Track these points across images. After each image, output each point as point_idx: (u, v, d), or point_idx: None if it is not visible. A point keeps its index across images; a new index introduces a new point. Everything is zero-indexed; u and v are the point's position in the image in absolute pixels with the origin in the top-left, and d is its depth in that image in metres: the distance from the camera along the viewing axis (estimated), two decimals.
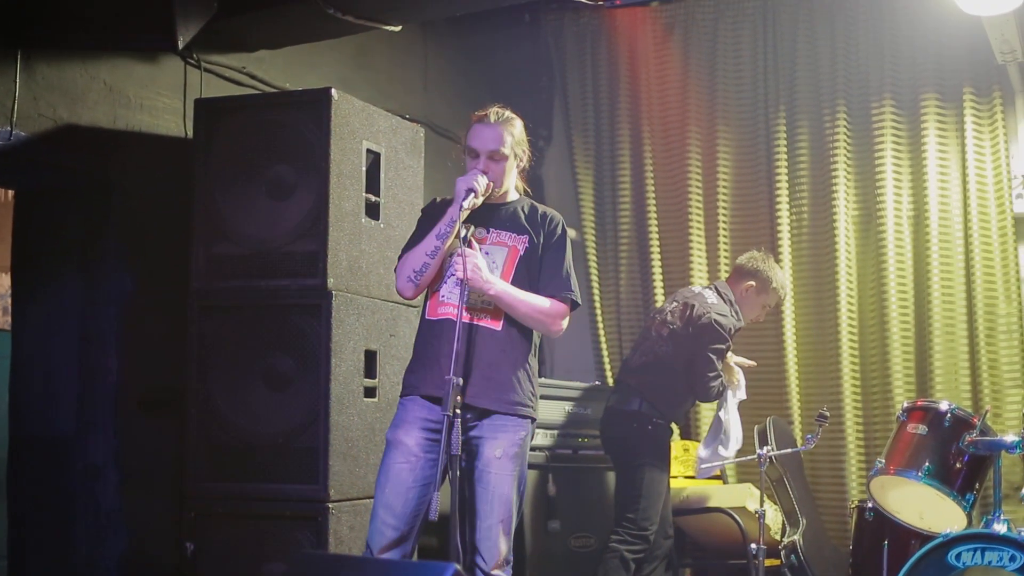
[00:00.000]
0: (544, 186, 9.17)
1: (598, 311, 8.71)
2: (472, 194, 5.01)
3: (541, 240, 5.24)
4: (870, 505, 6.48)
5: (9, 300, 8.14)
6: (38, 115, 5.68)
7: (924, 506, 6.18)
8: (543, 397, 7.11)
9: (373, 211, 6.01)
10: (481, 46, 8.60)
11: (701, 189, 8.51)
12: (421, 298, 5.29)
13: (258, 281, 5.76)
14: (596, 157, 8.87)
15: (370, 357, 5.91)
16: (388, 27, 6.59)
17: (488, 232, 5.20)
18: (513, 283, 5.13)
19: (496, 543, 5.01)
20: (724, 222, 8.46)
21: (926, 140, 7.98)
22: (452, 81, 8.36)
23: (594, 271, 8.76)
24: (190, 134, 6.14)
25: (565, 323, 5.27)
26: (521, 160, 5.33)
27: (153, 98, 6.21)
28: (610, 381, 8.44)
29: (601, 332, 8.69)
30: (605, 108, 8.86)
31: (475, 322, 5.08)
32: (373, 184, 6.02)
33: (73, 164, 5.82)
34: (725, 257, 8.42)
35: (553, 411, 7.21)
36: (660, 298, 8.46)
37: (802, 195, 8.28)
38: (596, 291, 8.74)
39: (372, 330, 5.92)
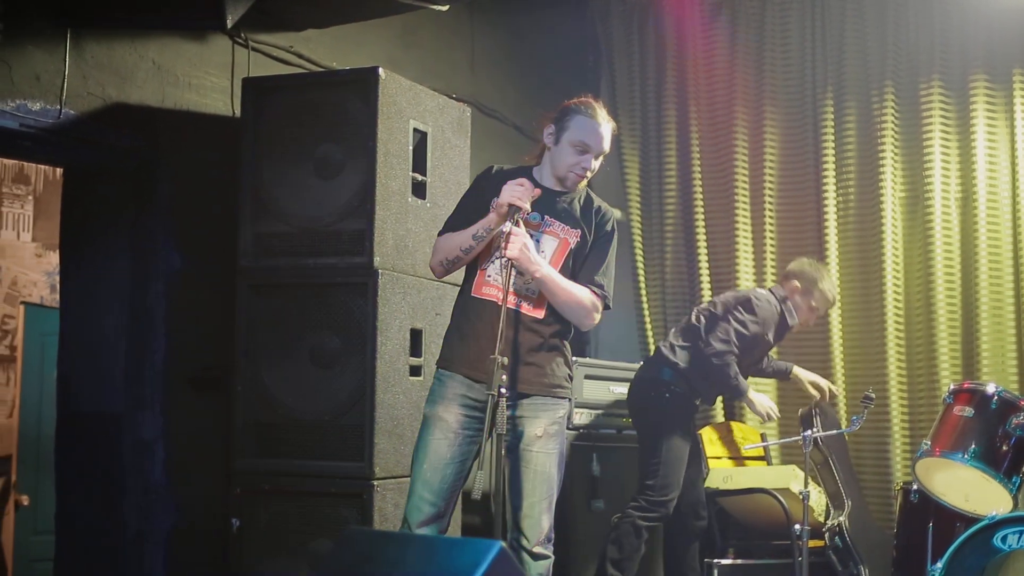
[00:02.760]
0: None
1: (643, 292, 8.70)
2: (518, 212, 4.97)
3: (591, 235, 5.22)
4: (915, 487, 6.47)
5: (58, 278, 8.23)
6: (87, 94, 5.72)
7: (969, 488, 6.16)
8: (588, 377, 7.15)
9: (420, 190, 6.02)
10: (528, 26, 8.59)
11: (747, 171, 8.49)
12: (463, 270, 5.29)
13: (305, 259, 5.78)
14: (642, 138, 8.85)
15: (415, 336, 5.92)
16: (435, 6, 6.60)
17: (543, 219, 5.17)
18: (561, 272, 5.12)
19: (539, 520, 5.04)
20: (770, 204, 8.43)
21: (975, 122, 7.93)
22: (498, 61, 8.36)
23: (639, 252, 8.75)
24: (238, 113, 6.16)
25: (598, 318, 5.26)
26: None
27: (201, 77, 6.23)
28: None
29: (646, 313, 8.68)
30: (651, 89, 8.84)
31: (520, 309, 5.09)
32: (420, 163, 6.03)
33: (122, 142, 5.85)
34: (771, 240, 8.39)
35: (598, 391, 7.22)
36: (705, 279, 8.45)
37: (849, 177, 8.24)
38: (641, 272, 8.73)
39: (418, 309, 5.94)
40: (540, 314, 5.13)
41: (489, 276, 5.15)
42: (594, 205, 5.29)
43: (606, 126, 5.22)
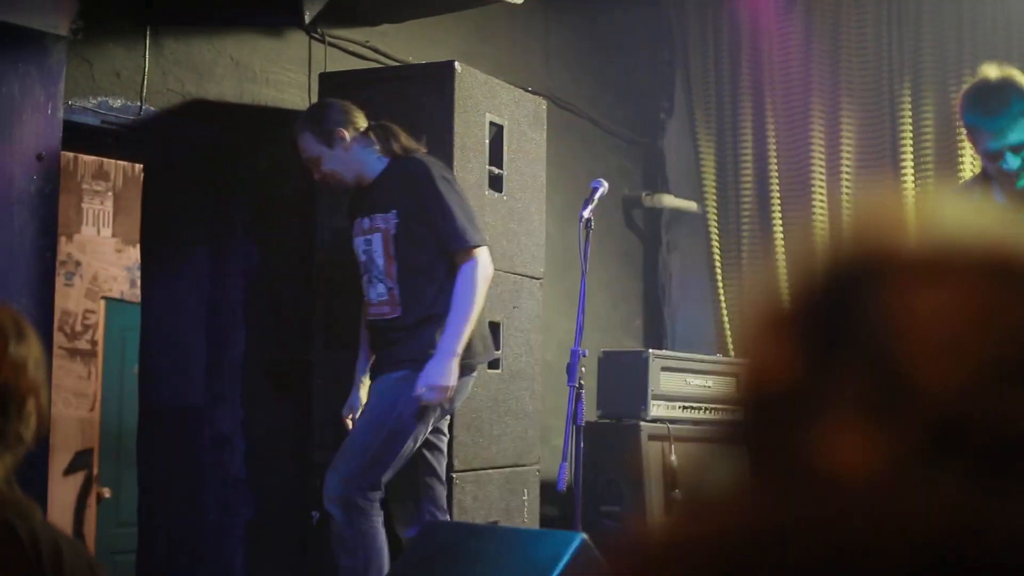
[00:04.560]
0: (666, 159, 9.15)
1: (720, 284, 8.67)
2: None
3: (412, 199, 5.21)
4: None
5: (138, 273, 8.31)
6: (167, 90, 5.78)
7: None
8: (664, 370, 7.13)
9: (496, 184, 6.03)
10: (602, 18, 8.58)
11: (824, 162, 8.43)
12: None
13: None
14: (718, 129, 8.82)
15: (494, 329, 5.93)
16: (510, 0, 6.60)
17: (369, 220, 5.30)
18: (398, 263, 5.19)
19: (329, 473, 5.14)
20: (847, 195, 8.37)
21: None
22: (573, 54, 8.35)
23: (716, 244, 8.72)
24: None
25: (481, 266, 5.17)
26: None
27: (279, 72, 6.27)
28: (732, 353, 8.41)
29: (723, 305, 8.64)
30: (727, 80, 8.80)
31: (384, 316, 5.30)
32: (496, 157, 6.03)
33: (201, 138, 5.91)
34: (849, 231, 8.33)
35: (675, 383, 7.20)
36: (782, 271, 8.41)
37: (927, 167, 8.16)
38: (718, 264, 8.70)
39: (495, 302, 5.94)
40: (397, 314, 5.23)
41: (365, 297, 5.37)
42: (396, 171, 5.31)
43: (296, 138, 5.37)
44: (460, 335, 5.05)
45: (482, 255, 5.16)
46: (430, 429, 5.20)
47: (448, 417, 5.34)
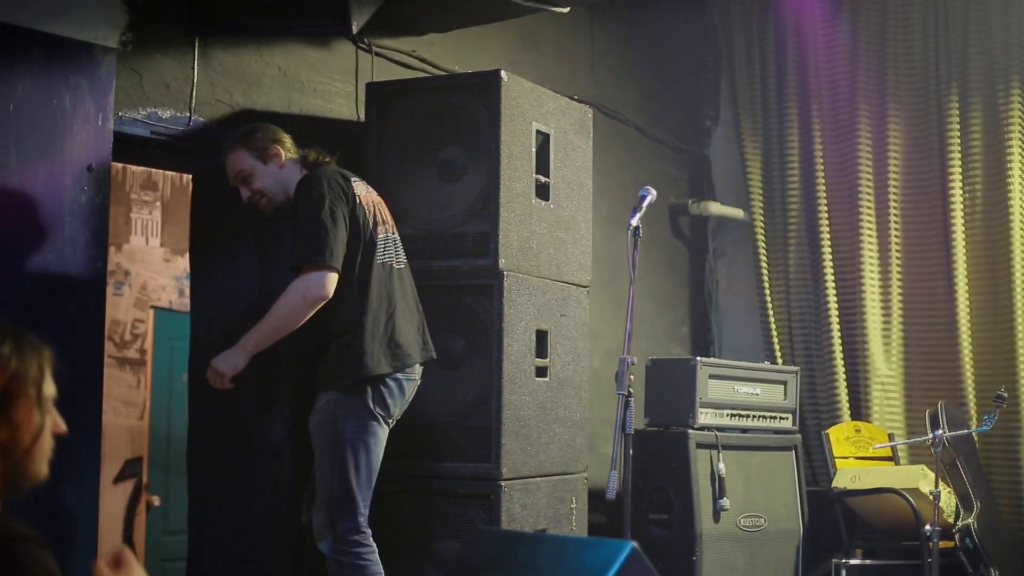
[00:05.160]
0: (712, 166, 9.14)
1: (767, 291, 8.64)
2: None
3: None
4: None
5: (186, 282, 8.36)
6: (215, 101, 5.81)
7: None
8: (712, 377, 7.12)
9: (543, 192, 6.03)
10: (647, 26, 8.58)
11: (871, 168, 8.40)
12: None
13: (430, 262, 5.82)
14: (764, 137, 8.80)
15: (541, 337, 5.94)
16: (556, 8, 6.61)
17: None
18: None
19: (314, 515, 5.27)
20: (895, 202, 8.34)
21: None
22: (619, 62, 8.35)
23: (763, 251, 8.70)
24: (362, 117, 6.23)
25: (313, 284, 5.14)
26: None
27: (326, 83, 6.30)
28: (779, 361, 8.39)
29: (770, 312, 8.61)
30: (773, 87, 8.78)
31: None
32: (543, 165, 6.04)
33: None
34: (896, 238, 8.30)
35: (722, 391, 7.19)
36: (830, 279, 8.37)
37: (975, 173, 8.12)
38: (765, 271, 8.67)
39: (543, 310, 5.95)
40: (312, 330, 5.29)
41: None
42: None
43: (225, 156, 5.42)
44: (254, 339, 5.19)
45: (312, 276, 5.14)
46: (384, 438, 5.34)
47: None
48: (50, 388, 2.58)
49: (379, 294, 5.30)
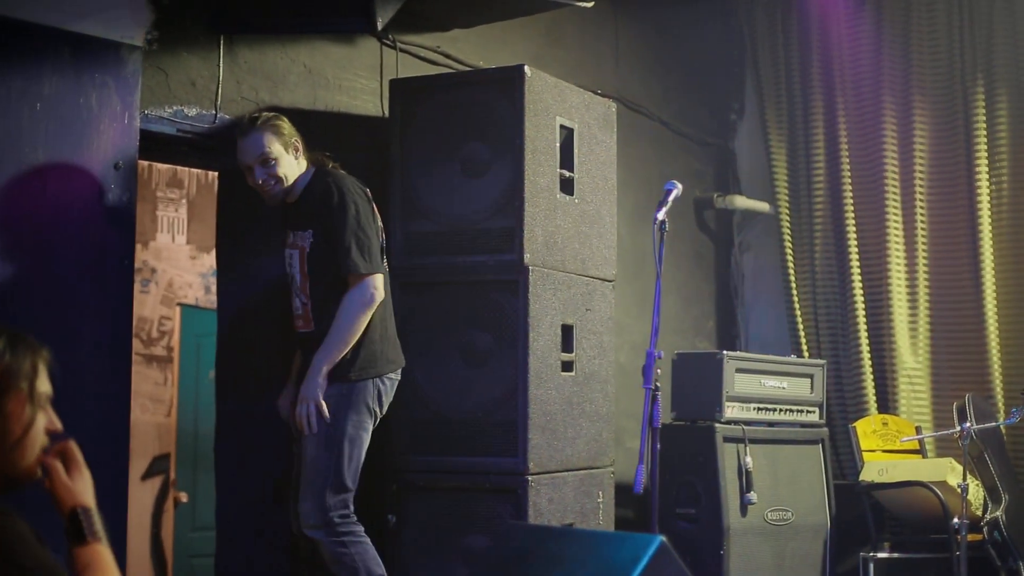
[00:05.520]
0: (737, 160, 9.12)
1: (793, 285, 8.62)
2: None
3: (325, 220, 5.40)
4: None
5: (212, 279, 8.37)
6: (241, 98, 5.83)
7: None
8: (739, 371, 7.11)
9: (568, 187, 6.03)
10: (672, 20, 8.56)
11: (897, 161, 8.37)
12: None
13: (455, 258, 5.83)
14: (789, 130, 8.77)
15: (567, 331, 5.94)
16: (580, 3, 6.61)
17: (292, 235, 5.52)
18: (311, 283, 5.43)
19: (302, 503, 5.35)
20: (921, 194, 8.31)
21: None
22: (643, 56, 8.34)
23: (788, 245, 8.68)
24: (387, 113, 6.24)
25: (371, 293, 5.38)
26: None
27: (351, 79, 6.31)
28: (806, 354, 8.38)
29: (796, 305, 8.59)
30: (797, 79, 8.76)
31: (299, 329, 5.57)
32: (567, 160, 6.04)
33: None
34: (922, 231, 8.27)
35: (749, 384, 7.18)
36: (856, 271, 8.34)
37: (1002, 165, 8.09)
38: (791, 265, 8.65)
39: (568, 305, 5.96)
40: (310, 328, 5.45)
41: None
42: (318, 191, 5.45)
43: (247, 138, 5.41)
44: (331, 356, 5.32)
45: (367, 283, 5.37)
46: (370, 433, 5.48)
47: None
48: (44, 386, 2.73)
49: (385, 297, 5.48)
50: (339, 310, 5.33)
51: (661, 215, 5.31)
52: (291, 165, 5.44)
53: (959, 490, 6.51)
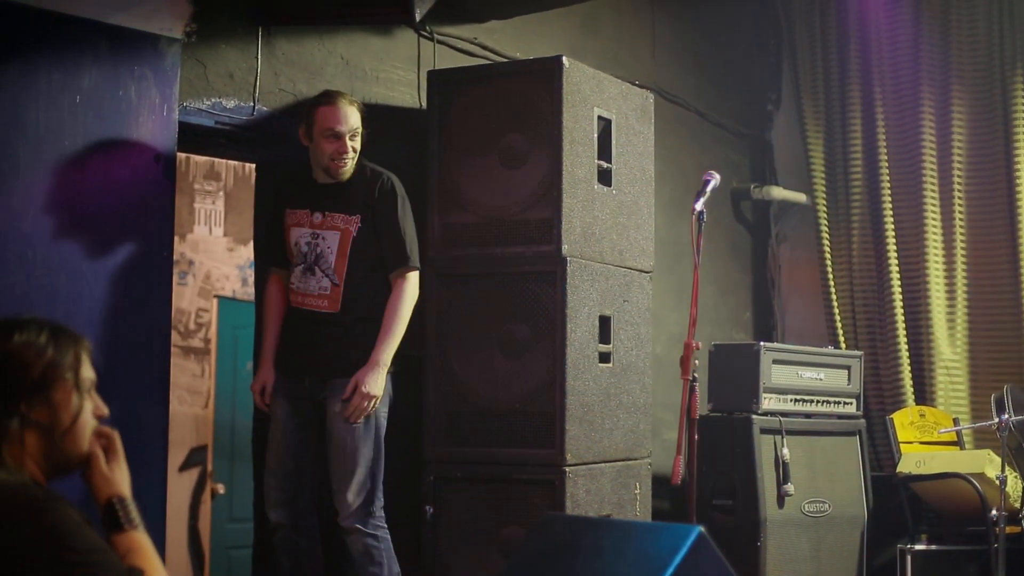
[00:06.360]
0: (774, 150, 9.09)
1: (830, 276, 8.58)
2: None
3: (376, 210, 5.52)
4: None
5: (250, 271, 8.40)
6: (279, 90, 5.85)
7: None
8: (776, 362, 7.09)
9: (605, 177, 6.03)
10: (708, 10, 8.54)
11: (935, 151, 8.32)
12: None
13: (493, 249, 5.83)
14: (827, 120, 8.73)
15: (604, 323, 5.93)
16: None
17: (324, 216, 5.53)
18: (349, 266, 5.47)
19: (343, 495, 5.42)
20: (959, 184, 8.26)
21: None
22: (680, 46, 8.32)
23: (826, 236, 8.64)
24: (424, 105, 6.24)
25: (417, 286, 5.62)
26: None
27: (388, 71, 6.32)
28: (843, 345, 8.35)
29: (834, 297, 8.55)
30: (835, 70, 8.71)
31: (317, 309, 5.55)
32: (605, 151, 6.04)
33: None
34: (960, 221, 8.23)
35: (786, 376, 7.16)
36: (893, 262, 8.30)
37: None
38: (828, 256, 8.61)
39: (606, 296, 5.95)
40: (335, 309, 5.48)
41: (294, 285, 5.57)
42: (367, 179, 5.57)
43: (348, 107, 5.48)
44: (391, 350, 5.45)
45: (416, 277, 5.60)
46: None
47: None
48: (88, 373, 2.80)
49: None
50: (394, 303, 5.47)
51: (699, 206, 5.31)
52: (361, 144, 5.56)
53: (997, 482, 6.48)
